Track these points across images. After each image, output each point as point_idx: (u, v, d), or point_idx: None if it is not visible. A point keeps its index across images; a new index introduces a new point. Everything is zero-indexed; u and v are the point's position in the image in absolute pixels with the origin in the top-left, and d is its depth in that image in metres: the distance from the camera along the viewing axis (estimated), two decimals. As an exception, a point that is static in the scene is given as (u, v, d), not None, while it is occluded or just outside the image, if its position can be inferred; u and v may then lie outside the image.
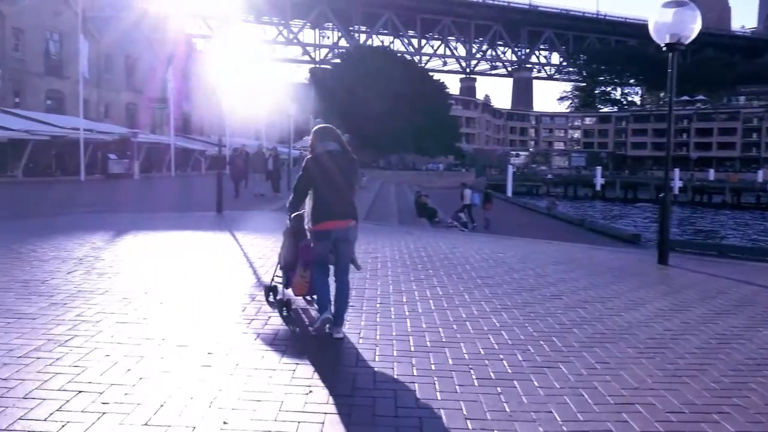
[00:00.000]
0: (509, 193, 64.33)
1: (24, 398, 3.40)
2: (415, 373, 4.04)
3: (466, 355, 4.44)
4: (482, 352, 4.51)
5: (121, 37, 45.90)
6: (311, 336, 4.80)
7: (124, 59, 47.51)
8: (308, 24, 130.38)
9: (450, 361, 4.29)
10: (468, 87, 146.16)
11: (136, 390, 3.57)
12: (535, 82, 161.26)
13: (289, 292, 5.51)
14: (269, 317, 5.26)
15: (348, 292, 4.93)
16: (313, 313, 5.51)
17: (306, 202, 4.91)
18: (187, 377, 3.80)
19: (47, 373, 3.77)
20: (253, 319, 5.17)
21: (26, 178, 27.70)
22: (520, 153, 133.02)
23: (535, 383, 3.94)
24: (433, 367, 4.17)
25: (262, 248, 8.81)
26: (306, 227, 4.91)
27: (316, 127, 5.04)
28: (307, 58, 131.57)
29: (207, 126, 55.95)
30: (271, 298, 5.76)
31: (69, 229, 10.62)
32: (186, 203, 18.02)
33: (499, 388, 3.83)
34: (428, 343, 4.68)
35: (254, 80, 46.46)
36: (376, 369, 4.09)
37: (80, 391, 3.52)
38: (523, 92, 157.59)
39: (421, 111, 73.90)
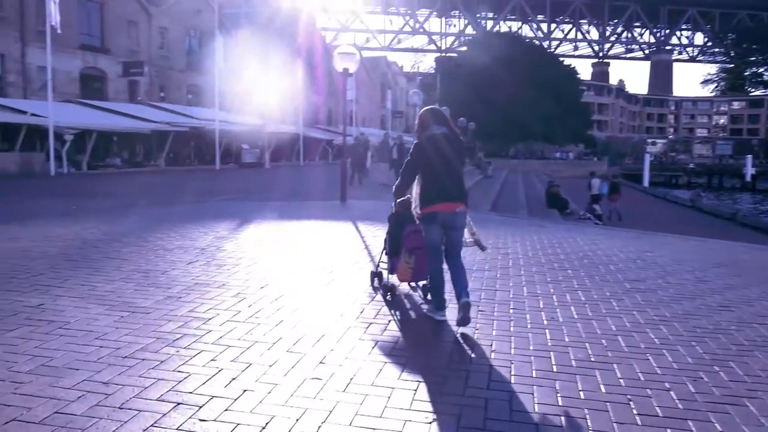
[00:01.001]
0: (646, 184, 60.50)
1: (120, 408, 3.09)
2: (560, 402, 3.34)
3: (621, 380, 3.68)
4: (642, 378, 3.72)
5: (255, 32, 47.67)
6: (435, 347, 4.22)
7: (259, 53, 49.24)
8: (434, 13, 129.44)
9: (602, 388, 3.54)
10: (601, 72, 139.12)
11: (238, 406, 3.16)
12: (675, 64, 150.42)
13: (395, 277, 5.46)
14: (389, 321, 4.75)
15: (464, 273, 4.75)
16: (417, 298, 5.49)
17: (413, 188, 4.83)
18: (295, 392, 3.35)
19: (149, 378, 3.47)
20: (371, 323, 4.67)
21: (168, 167, 29.31)
22: (657, 141, 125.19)
23: (717, 426, 3.12)
24: (581, 394, 3.45)
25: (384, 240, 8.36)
26: (414, 212, 4.85)
27: (423, 110, 4.91)
28: (432, 47, 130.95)
29: (334, 116, 57.09)
30: (375, 284, 5.73)
31: (198, 217, 10.77)
32: (311, 192, 18.09)
33: (669, 431, 3.05)
34: (573, 362, 3.95)
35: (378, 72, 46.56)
36: (511, 394, 3.44)
37: (179, 404, 3.16)
38: (661, 76, 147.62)
39: (550, 98, 71.13)
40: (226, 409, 3.11)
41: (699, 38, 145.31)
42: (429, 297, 5.16)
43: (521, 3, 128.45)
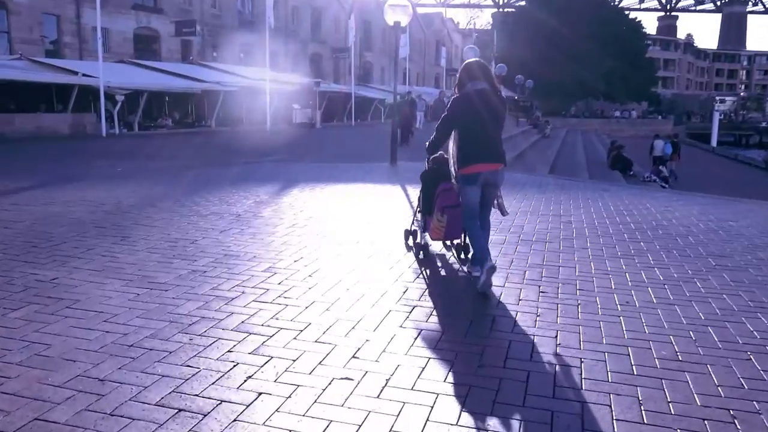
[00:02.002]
0: (714, 143, 57.57)
1: (110, 414, 2.60)
2: (644, 419, 2.69)
3: (720, 389, 2.98)
4: (746, 386, 3.02)
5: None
6: (490, 339, 3.59)
7: (311, 11, 48.49)
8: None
9: (697, 400, 2.87)
10: (668, 26, 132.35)
11: (249, 415, 2.63)
12: (749, 17, 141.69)
13: (428, 236, 5.38)
14: (434, 305, 4.14)
15: (488, 231, 4.81)
16: (450, 257, 5.41)
17: (449, 145, 4.65)
18: (319, 397, 2.79)
19: (152, 375, 2.97)
20: (415, 306, 4.08)
21: (219, 127, 29.11)
22: (726, 98, 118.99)
23: None
24: (671, 408, 2.79)
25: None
26: (452, 170, 4.61)
27: (464, 64, 4.66)
28: (489, 2, 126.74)
29: (387, 74, 56.05)
30: (410, 242, 5.62)
31: (241, 180, 10.33)
32: (360, 153, 17.49)
33: (794, 466, 2.37)
34: (657, 362, 3.27)
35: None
36: (583, 405, 2.80)
37: (180, 410, 2.65)
38: (733, 29, 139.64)
39: (613, 54, 68.08)
40: (235, 420, 2.59)
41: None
42: (463, 256, 5.21)
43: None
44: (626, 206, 8.52)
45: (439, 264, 5.22)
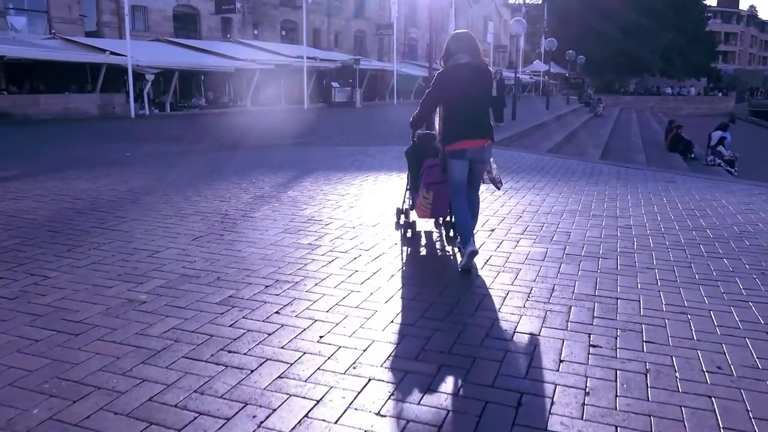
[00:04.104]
0: (779, 122, 53.94)
1: None
2: None
3: None
4: None
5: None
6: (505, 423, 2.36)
7: (354, -14, 47.03)
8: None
9: None
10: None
11: None
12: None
13: (414, 213, 5.18)
14: (434, 372, 2.91)
15: (478, 208, 4.76)
16: (435, 235, 5.33)
17: (435, 121, 4.62)
18: None
19: None
20: (407, 373, 2.86)
21: (254, 107, 28.18)
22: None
23: None
24: None
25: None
26: (438, 146, 4.54)
27: (450, 36, 4.56)
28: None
29: (433, 51, 54.32)
30: (401, 221, 5.42)
31: (253, 167, 9.23)
32: (396, 135, 16.18)
33: None
34: (785, 503, 1.99)
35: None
36: None
37: None
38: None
39: (670, 27, 64.65)
40: None
41: None
42: (451, 234, 5.02)
43: None
44: (697, 203, 7.08)
45: (441, 274, 3.98)
